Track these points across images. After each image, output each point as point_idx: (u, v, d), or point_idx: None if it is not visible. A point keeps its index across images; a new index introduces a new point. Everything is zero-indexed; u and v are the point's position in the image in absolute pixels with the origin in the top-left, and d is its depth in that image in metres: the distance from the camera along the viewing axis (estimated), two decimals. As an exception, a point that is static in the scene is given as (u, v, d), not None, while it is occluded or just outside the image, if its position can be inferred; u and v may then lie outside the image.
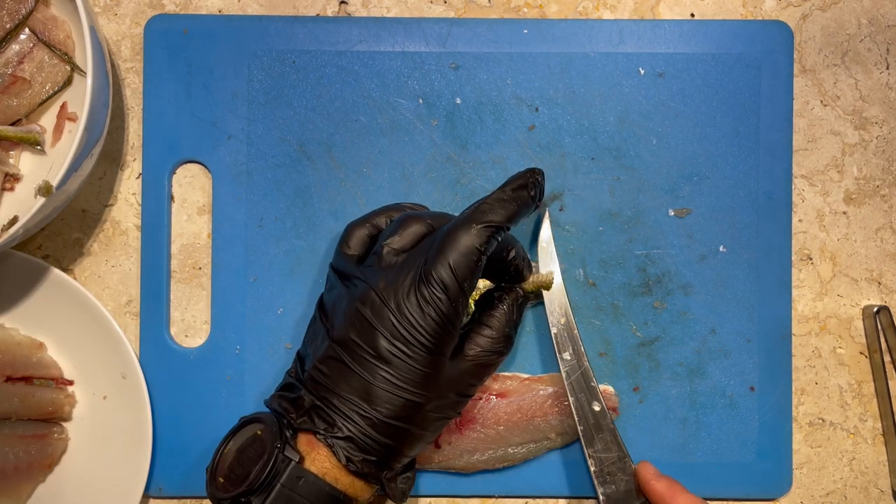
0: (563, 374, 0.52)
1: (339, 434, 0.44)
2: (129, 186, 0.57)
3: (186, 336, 0.57)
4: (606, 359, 0.56)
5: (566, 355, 0.52)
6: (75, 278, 0.57)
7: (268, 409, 0.48)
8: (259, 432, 0.46)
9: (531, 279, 0.52)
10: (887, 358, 0.56)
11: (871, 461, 0.57)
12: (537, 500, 0.56)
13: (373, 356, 0.44)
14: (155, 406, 0.55)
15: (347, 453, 0.44)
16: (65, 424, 0.56)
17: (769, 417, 0.55)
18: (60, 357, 0.56)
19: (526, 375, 0.55)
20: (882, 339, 0.56)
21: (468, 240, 0.44)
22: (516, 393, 0.54)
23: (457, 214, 0.47)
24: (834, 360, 0.57)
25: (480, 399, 0.54)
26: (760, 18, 0.57)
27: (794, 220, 0.57)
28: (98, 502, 0.55)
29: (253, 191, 0.56)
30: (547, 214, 0.55)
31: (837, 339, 0.57)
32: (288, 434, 0.45)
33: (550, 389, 0.54)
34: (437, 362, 0.45)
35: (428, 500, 0.56)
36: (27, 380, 0.54)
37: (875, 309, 0.55)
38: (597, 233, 0.56)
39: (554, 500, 0.56)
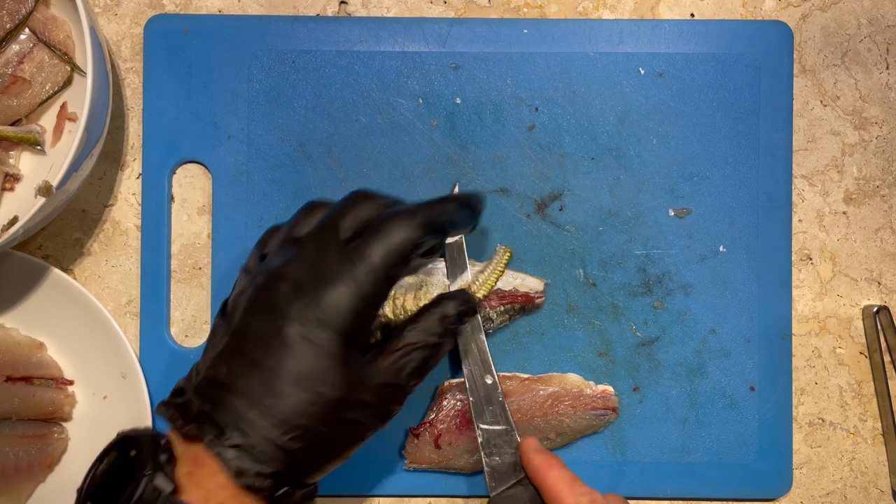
0: (460, 345, 0.51)
1: (230, 441, 0.40)
2: (129, 186, 0.57)
3: (186, 336, 0.57)
4: (606, 359, 0.56)
5: (466, 326, 0.51)
6: (75, 278, 0.57)
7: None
8: (133, 453, 0.41)
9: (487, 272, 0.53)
10: (887, 358, 0.56)
11: (871, 461, 0.57)
12: (537, 500, 0.56)
13: (278, 343, 0.41)
14: (155, 406, 0.55)
15: (239, 463, 0.39)
16: (65, 424, 0.56)
17: (769, 417, 0.55)
18: (60, 357, 0.56)
19: (526, 375, 0.55)
20: (882, 339, 0.56)
21: (409, 231, 0.44)
22: (516, 393, 0.54)
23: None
24: (834, 360, 0.57)
25: (480, 399, 0.54)
26: (760, 18, 0.57)
27: (794, 220, 0.57)
28: (98, 502, 0.55)
29: (253, 191, 0.56)
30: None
31: (837, 339, 0.57)
32: (163, 458, 0.40)
33: (550, 389, 0.54)
34: (349, 353, 0.42)
35: (428, 500, 0.56)
36: (27, 380, 0.54)
37: (875, 309, 0.55)
38: (597, 233, 0.56)
39: (554, 500, 0.56)
